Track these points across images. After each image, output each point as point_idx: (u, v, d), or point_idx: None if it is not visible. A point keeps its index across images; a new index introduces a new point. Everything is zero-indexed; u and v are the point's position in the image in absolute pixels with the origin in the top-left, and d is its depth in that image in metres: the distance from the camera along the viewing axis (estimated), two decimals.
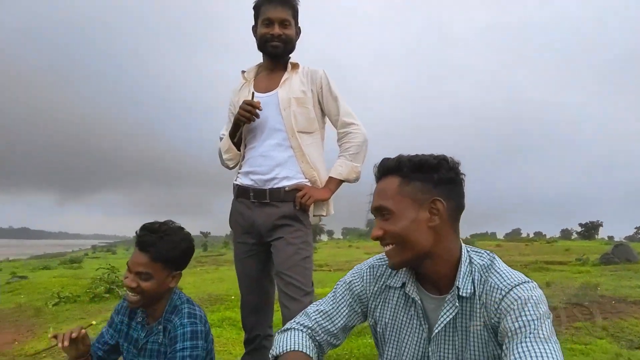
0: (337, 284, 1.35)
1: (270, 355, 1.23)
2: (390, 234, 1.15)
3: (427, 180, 1.15)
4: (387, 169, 1.19)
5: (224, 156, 2.25)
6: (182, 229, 1.76)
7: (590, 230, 72.16)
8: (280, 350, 1.20)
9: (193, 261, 17.24)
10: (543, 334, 1.01)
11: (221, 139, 2.29)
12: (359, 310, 1.31)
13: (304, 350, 1.20)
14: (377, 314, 1.29)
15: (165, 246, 1.64)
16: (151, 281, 1.64)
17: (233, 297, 5.98)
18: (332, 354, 3.34)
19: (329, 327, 1.28)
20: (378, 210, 1.17)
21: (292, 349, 1.19)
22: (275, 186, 2.08)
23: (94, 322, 1.94)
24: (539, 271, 9.69)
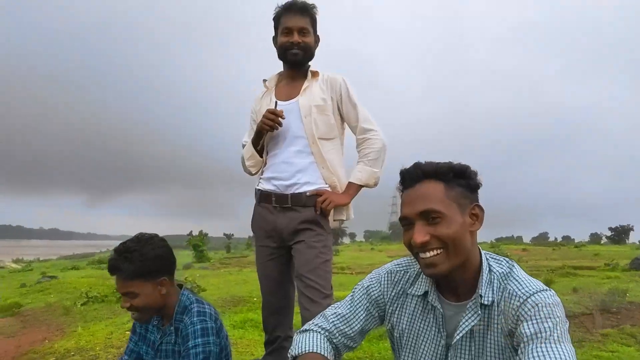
0: (355, 288, 1.37)
1: (289, 355, 1.27)
2: (441, 238, 1.12)
3: (466, 186, 1.17)
4: (427, 173, 1.17)
5: (247, 163, 2.31)
6: (151, 238, 1.75)
7: (620, 234, 70.01)
8: (299, 351, 1.23)
9: (217, 263, 17.50)
10: (558, 339, 1.02)
11: (243, 146, 2.36)
12: (376, 314, 1.33)
13: (321, 352, 1.22)
14: (395, 319, 1.30)
15: (131, 264, 1.66)
16: (139, 297, 1.68)
17: (255, 299, 6.04)
18: (353, 356, 3.36)
19: (346, 330, 1.30)
20: (425, 214, 1.13)
21: (310, 351, 1.22)
22: (297, 191, 2.14)
23: None
24: (566, 276, 9.47)
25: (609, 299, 5.39)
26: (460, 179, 1.17)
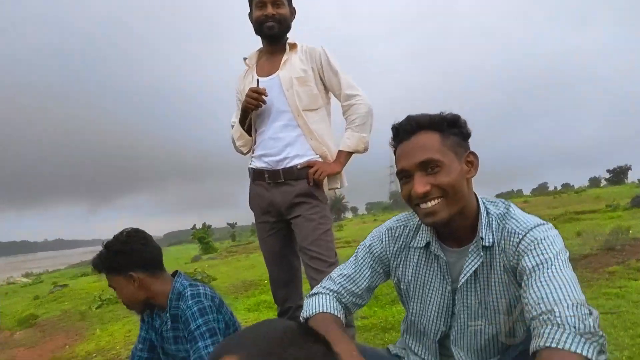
0: (358, 248, 1.40)
1: (301, 318, 1.30)
2: (441, 186, 1.12)
3: (459, 134, 1.19)
4: (422, 125, 1.17)
5: (237, 143, 2.33)
6: (120, 234, 1.80)
7: (619, 175, 70.46)
8: (310, 313, 1.27)
9: (224, 252, 17.60)
10: (560, 267, 1.04)
11: (233, 126, 2.36)
12: (381, 270, 1.36)
13: (332, 312, 1.26)
14: (400, 273, 1.34)
15: (100, 261, 1.77)
16: (118, 291, 1.78)
17: (266, 282, 6.11)
18: (368, 323, 3.42)
19: (353, 289, 1.33)
20: (424, 165, 1.13)
21: (320, 311, 1.26)
22: (288, 165, 2.15)
23: None
24: (569, 222, 9.58)
25: (613, 238, 5.48)
26: (453, 128, 1.18)
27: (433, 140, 1.15)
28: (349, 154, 2.22)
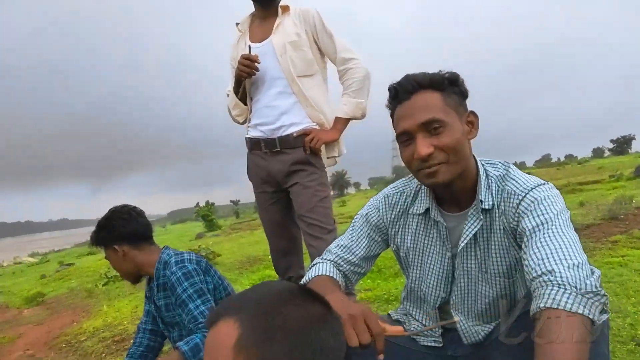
0: (355, 218, 1.38)
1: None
2: (445, 148, 1.08)
3: (459, 94, 1.14)
4: (422, 84, 1.11)
5: (232, 112, 2.29)
6: (108, 211, 1.93)
7: (622, 145, 70.10)
8: (308, 279, 1.25)
9: (228, 229, 17.71)
10: (561, 227, 1.01)
11: (228, 95, 2.31)
12: (379, 239, 1.34)
13: (329, 275, 1.25)
14: (398, 240, 1.31)
15: (91, 237, 1.92)
16: (111, 263, 1.92)
17: (270, 256, 6.16)
18: (371, 295, 3.44)
19: (350, 258, 1.31)
20: (427, 125, 1.08)
21: (318, 275, 1.24)
22: (284, 134, 2.11)
23: None
24: (572, 193, 9.55)
25: (616, 207, 5.46)
26: (454, 87, 1.13)
27: (435, 100, 1.10)
28: (347, 120, 2.16)
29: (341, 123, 2.15)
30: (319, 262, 1.31)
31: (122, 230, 1.86)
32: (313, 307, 0.73)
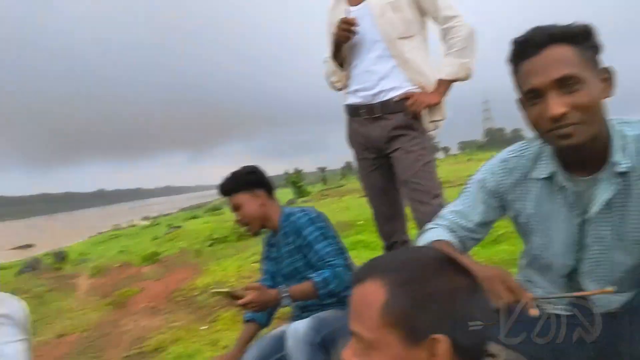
0: (468, 184, 1.31)
1: None
2: (581, 108, 0.98)
3: (594, 49, 1.03)
4: (554, 36, 1.00)
5: (331, 79, 2.29)
6: (241, 168, 2.00)
7: None
8: (424, 244, 1.23)
9: (318, 194, 18.14)
10: None
11: (326, 62, 2.30)
12: (496, 204, 1.26)
13: (447, 239, 1.21)
14: (518, 206, 1.23)
15: (230, 181, 1.94)
16: (242, 209, 1.91)
17: (361, 222, 6.23)
18: None
19: (465, 224, 1.26)
20: (562, 82, 0.99)
21: (434, 240, 1.21)
22: (384, 99, 2.06)
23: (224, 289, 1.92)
24: None
25: None
26: (587, 41, 1.02)
27: (570, 54, 0.99)
28: (450, 82, 2.05)
29: (444, 85, 2.05)
30: (433, 227, 1.28)
31: (266, 179, 1.96)
32: (460, 278, 0.73)
